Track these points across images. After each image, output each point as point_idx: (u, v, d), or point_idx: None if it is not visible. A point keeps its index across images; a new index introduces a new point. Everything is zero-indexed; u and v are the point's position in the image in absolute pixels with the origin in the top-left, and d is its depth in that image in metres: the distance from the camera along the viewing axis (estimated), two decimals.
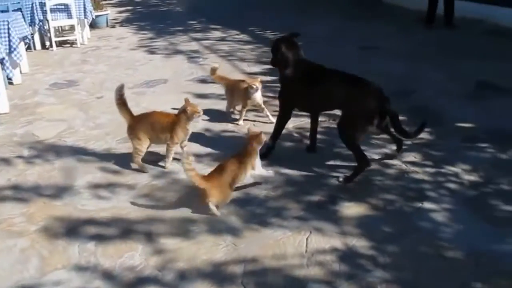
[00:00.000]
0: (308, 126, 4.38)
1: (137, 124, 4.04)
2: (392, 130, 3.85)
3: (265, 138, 3.67)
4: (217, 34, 9.83)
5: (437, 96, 5.37)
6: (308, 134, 4.41)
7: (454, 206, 3.35)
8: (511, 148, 4.13)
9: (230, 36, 9.54)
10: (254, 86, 4.79)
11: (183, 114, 3.97)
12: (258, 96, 4.88)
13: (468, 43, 7.88)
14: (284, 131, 4.35)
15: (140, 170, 4.01)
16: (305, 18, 10.94)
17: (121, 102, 4.08)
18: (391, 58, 7.07)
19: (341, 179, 3.70)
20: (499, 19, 8.84)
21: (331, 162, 4.04)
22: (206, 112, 5.24)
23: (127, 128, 4.09)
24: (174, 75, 6.84)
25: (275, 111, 4.54)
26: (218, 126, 4.93)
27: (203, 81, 6.49)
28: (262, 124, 4.90)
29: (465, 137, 4.38)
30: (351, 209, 3.37)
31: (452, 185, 3.61)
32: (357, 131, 3.70)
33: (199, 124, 4.93)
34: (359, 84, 3.76)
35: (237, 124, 4.96)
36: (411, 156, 4.07)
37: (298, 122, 4.89)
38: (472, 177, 3.71)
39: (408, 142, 4.23)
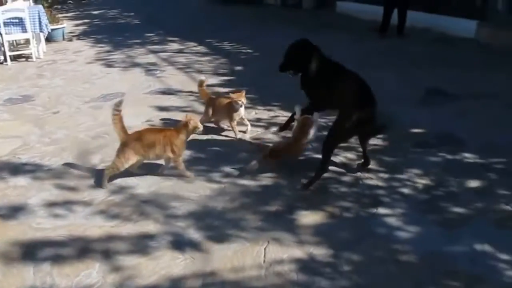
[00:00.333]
0: (265, 136, 4.43)
1: (131, 143, 3.95)
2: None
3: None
4: (175, 46, 9.82)
5: (389, 103, 5.46)
6: (263, 144, 4.48)
7: (407, 210, 3.45)
8: (460, 152, 4.27)
9: (187, 48, 9.54)
10: (240, 102, 4.72)
11: (184, 128, 3.97)
12: (242, 111, 4.83)
13: (418, 51, 8.10)
14: (240, 143, 4.41)
15: (99, 186, 3.98)
16: (261, 29, 11.04)
17: (118, 119, 3.98)
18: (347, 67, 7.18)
19: (298, 187, 3.77)
20: (445, 27, 9.17)
21: (286, 172, 4.08)
22: (166, 124, 5.26)
23: (119, 145, 4.00)
24: (132, 88, 6.80)
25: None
26: None
27: (161, 93, 6.48)
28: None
29: (416, 142, 4.50)
30: (308, 217, 3.42)
31: (405, 190, 3.71)
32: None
33: None
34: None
35: (235, 138, 4.87)
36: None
37: (255, 132, 4.93)
38: (424, 181, 3.83)
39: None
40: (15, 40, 9.69)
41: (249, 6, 15.02)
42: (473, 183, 3.76)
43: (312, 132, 4.07)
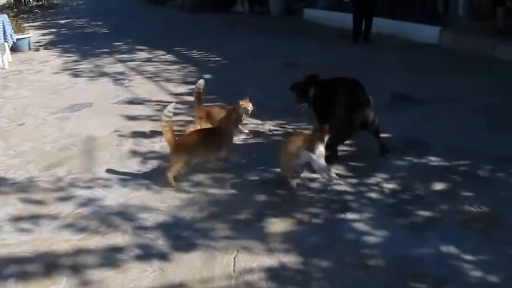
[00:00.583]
0: (235, 145, 4.45)
1: (181, 147, 4.02)
2: None
3: None
4: (143, 55, 9.78)
5: None
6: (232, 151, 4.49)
7: (375, 215, 3.48)
8: (426, 155, 4.34)
9: (156, 56, 9.51)
10: (249, 108, 4.67)
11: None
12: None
13: (384, 57, 8.22)
14: None
15: (169, 185, 4.00)
16: (230, 37, 11.08)
17: (168, 126, 3.96)
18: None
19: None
20: (410, 34, 9.36)
21: (255, 178, 4.09)
22: (134, 134, 5.22)
23: (172, 152, 4.03)
24: (99, 98, 6.74)
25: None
26: (144, 149, 4.88)
27: (129, 102, 6.44)
28: None
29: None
30: (277, 225, 3.42)
31: (373, 195, 3.76)
32: None
33: (124, 146, 4.89)
34: None
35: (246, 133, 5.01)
36: (334, 169, 4.19)
37: None
38: (391, 186, 3.88)
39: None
40: None
41: (218, 14, 15.06)
42: (439, 186, 3.82)
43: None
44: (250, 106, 4.68)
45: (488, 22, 8.66)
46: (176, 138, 4.05)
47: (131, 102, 6.45)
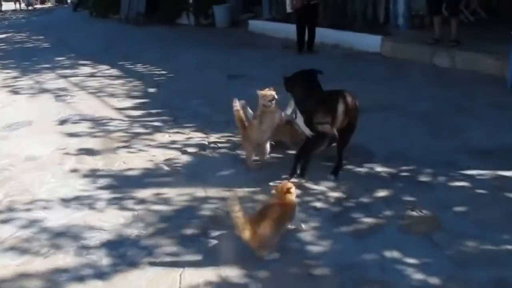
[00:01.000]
0: (177, 158, 4.41)
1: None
2: None
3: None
4: (87, 70, 9.60)
5: None
6: (177, 166, 4.46)
7: (320, 224, 3.52)
8: (369, 163, 4.43)
9: (100, 71, 9.36)
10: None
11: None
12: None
13: (327, 66, 8.21)
14: (152, 165, 4.42)
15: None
16: (175, 50, 11.02)
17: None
18: (257, 84, 7.23)
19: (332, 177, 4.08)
20: (353, 43, 9.58)
21: (201, 194, 4.06)
22: (76, 151, 5.11)
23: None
24: (40, 116, 6.54)
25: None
26: (87, 167, 4.77)
27: (71, 119, 6.26)
28: None
29: (329, 156, 4.60)
30: (223, 239, 3.41)
31: (318, 204, 3.79)
32: None
33: (66, 165, 4.77)
34: None
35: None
36: (279, 179, 4.19)
37: (168, 155, 4.90)
38: (335, 194, 3.93)
39: (276, 165, 4.43)
40: None
41: (163, 27, 14.97)
42: (382, 193, 3.90)
43: None
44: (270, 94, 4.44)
45: (426, 31, 8.98)
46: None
47: (74, 118, 6.29)
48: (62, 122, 6.21)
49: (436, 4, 8.22)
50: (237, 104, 4.51)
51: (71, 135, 5.66)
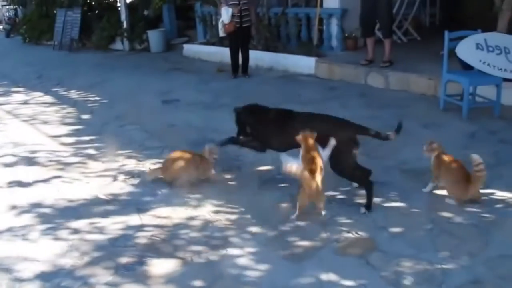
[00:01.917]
0: (111, 186, 4.34)
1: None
2: None
3: None
4: (20, 97, 9.26)
5: None
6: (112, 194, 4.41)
7: (257, 248, 3.52)
8: None
9: (33, 98, 9.05)
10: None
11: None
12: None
13: (262, 89, 8.38)
14: (86, 194, 4.37)
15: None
16: (110, 75, 10.80)
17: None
18: (191, 109, 7.32)
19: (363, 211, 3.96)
20: (287, 65, 9.76)
21: (136, 222, 3.99)
22: (9, 183, 4.92)
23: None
24: None
25: None
26: (20, 199, 4.56)
27: (2, 149, 6.00)
28: None
29: (263, 180, 4.64)
30: (159, 266, 3.35)
31: (253, 228, 3.78)
32: None
33: None
34: None
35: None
36: (215, 205, 4.20)
37: (102, 183, 4.80)
38: (271, 218, 3.92)
39: (212, 190, 4.43)
40: None
41: (97, 52, 14.73)
42: (317, 215, 3.92)
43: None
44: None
45: (360, 52, 9.24)
46: None
47: (6, 147, 6.04)
48: None
49: (370, 26, 8.46)
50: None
51: (3, 165, 5.46)
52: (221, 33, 9.48)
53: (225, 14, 8.96)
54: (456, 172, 4.02)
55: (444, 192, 4.14)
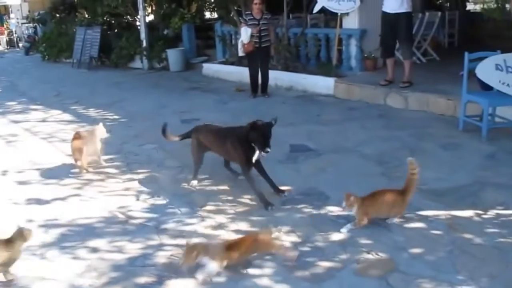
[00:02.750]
0: (131, 205, 4.35)
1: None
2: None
3: None
4: (38, 115, 9.34)
5: None
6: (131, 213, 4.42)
7: (276, 269, 3.49)
8: (324, 206, 4.44)
9: (52, 116, 9.14)
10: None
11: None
12: None
13: (281, 109, 8.40)
14: (105, 213, 4.41)
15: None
16: (129, 94, 10.88)
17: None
18: None
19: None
20: (306, 85, 9.76)
21: (155, 242, 3.98)
22: (28, 201, 4.93)
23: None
24: None
25: None
26: (40, 217, 4.60)
27: (22, 166, 6.05)
28: None
29: (283, 200, 4.61)
30: (179, 286, 3.35)
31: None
32: None
33: (17, 216, 4.59)
34: None
35: None
36: (234, 225, 4.18)
37: (121, 202, 4.80)
38: (291, 238, 3.91)
39: (232, 210, 4.41)
40: None
41: (116, 71, 14.89)
42: (338, 236, 3.91)
43: None
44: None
45: (379, 72, 9.22)
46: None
47: (24, 166, 6.08)
48: (12, 169, 6.00)
49: (390, 47, 8.48)
50: None
51: (22, 183, 5.48)
52: (240, 53, 9.55)
53: (245, 34, 9.02)
54: (384, 197, 4.07)
55: (463, 213, 4.10)
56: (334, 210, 4.35)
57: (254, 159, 4.64)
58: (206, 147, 5.08)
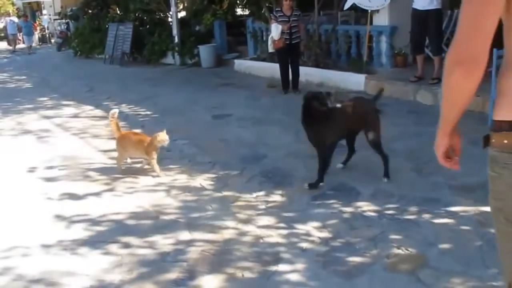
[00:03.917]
0: (162, 200, 4.39)
1: None
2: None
3: None
4: (70, 110, 9.50)
5: (286, 158, 5.60)
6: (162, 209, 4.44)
7: (307, 265, 3.48)
8: (354, 201, 4.42)
9: (83, 112, 9.29)
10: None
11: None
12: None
13: None
14: (136, 208, 4.46)
15: None
16: (160, 90, 10.99)
17: None
18: (243, 125, 7.35)
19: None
20: (337, 81, 9.72)
21: (187, 237, 4.01)
22: (58, 196, 5.03)
23: None
24: (23, 158, 6.38)
25: None
26: (70, 212, 4.70)
27: (53, 162, 6.16)
28: None
29: (314, 195, 4.61)
30: (210, 282, 3.35)
31: (304, 244, 3.76)
32: None
33: (47, 210, 4.69)
34: None
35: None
36: (265, 220, 4.19)
37: (153, 198, 4.85)
38: (322, 234, 3.90)
39: (263, 206, 4.42)
40: None
41: (148, 67, 15.05)
42: (368, 231, 3.88)
43: None
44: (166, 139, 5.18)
45: (409, 69, 9.14)
46: None
47: (56, 161, 6.20)
48: (45, 164, 6.11)
49: (420, 43, 8.42)
50: None
51: (53, 178, 5.58)
52: (270, 49, 9.58)
53: (275, 30, 9.03)
54: None
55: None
56: (364, 205, 4.33)
57: None
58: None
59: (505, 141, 1.63)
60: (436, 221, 4.00)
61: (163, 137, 5.23)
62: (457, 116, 1.81)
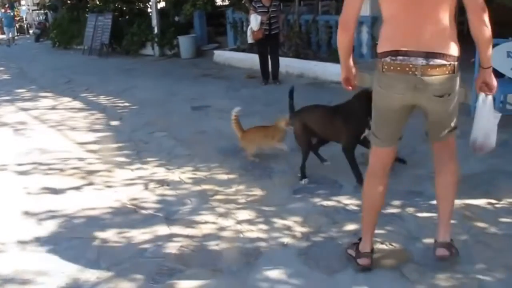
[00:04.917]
0: (140, 195, 4.27)
1: None
2: None
3: None
4: (48, 102, 9.35)
5: (265, 151, 5.51)
6: (140, 203, 4.34)
7: (288, 260, 3.41)
8: (337, 195, 4.36)
9: (61, 103, 9.13)
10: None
11: None
12: None
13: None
14: (113, 203, 4.38)
15: None
16: (140, 81, 10.86)
17: None
18: (221, 116, 7.18)
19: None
20: (317, 72, 9.69)
21: (165, 232, 3.91)
22: (35, 190, 4.90)
23: None
24: None
25: None
26: (42, 208, 4.57)
27: (29, 155, 6.01)
28: None
29: (295, 189, 4.54)
30: (189, 279, 3.27)
31: (285, 239, 3.68)
32: None
33: (20, 206, 4.56)
34: None
35: None
36: (245, 214, 4.11)
37: (131, 192, 4.74)
38: (303, 228, 3.82)
39: (243, 200, 4.34)
40: None
41: (127, 58, 14.87)
42: (350, 226, 3.82)
43: None
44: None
45: None
46: None
47: (33, 154, 6.05)
48: (20, 157, 5.96)
49: None
50: None
51: (29, 172, 5.44)
52: (250, 40, 9.51)
53: (254, 21, 8.96)
54: None
55: (476, 202, 4.05)
56: (347, 199, 4.28)
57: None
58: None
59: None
60: (420, 214, 3.95)
61: (284, 120, 5.24)
62: (344, 58, 3.15)
